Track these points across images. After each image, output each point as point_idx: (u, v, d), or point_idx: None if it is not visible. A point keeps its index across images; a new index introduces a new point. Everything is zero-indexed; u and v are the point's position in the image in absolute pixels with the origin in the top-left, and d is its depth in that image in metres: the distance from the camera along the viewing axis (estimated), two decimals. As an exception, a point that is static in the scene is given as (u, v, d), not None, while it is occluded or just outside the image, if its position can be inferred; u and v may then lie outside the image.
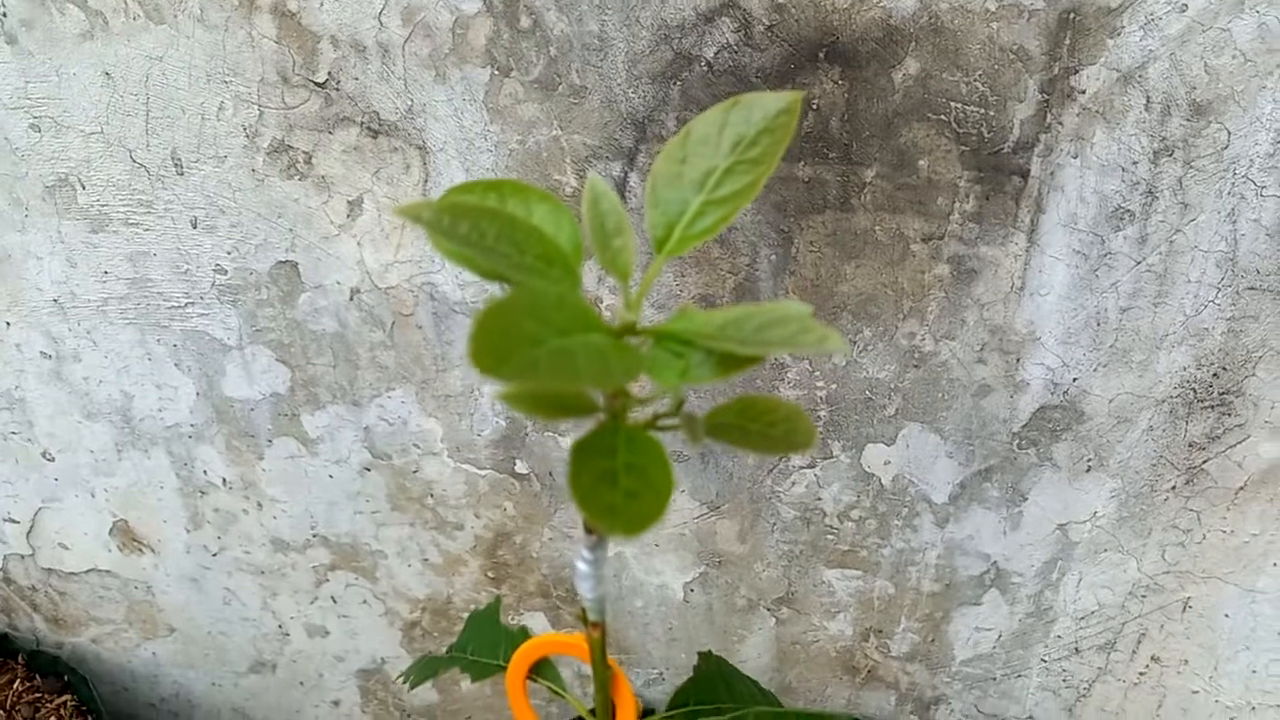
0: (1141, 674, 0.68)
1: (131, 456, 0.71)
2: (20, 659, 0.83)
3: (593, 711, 0.37)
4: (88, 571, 0.79)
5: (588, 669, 0.39)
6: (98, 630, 0.83)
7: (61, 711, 0.81)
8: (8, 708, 0.81)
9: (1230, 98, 0.48)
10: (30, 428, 0.71)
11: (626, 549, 0.69)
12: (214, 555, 0.76)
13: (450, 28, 0.52)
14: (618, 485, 0.24)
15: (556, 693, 0.40)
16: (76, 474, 0.73)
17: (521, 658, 0.38)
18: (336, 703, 0.83)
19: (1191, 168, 0.50)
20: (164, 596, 0.79)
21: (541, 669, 0.39)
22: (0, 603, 0.83)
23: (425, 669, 0.45)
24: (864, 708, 0.74)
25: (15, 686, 0.82)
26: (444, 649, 0.74)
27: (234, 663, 0.82)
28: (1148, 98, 0.49)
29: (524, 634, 0.40)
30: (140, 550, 0.76)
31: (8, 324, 0.67)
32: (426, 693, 0.81)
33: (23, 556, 0.79)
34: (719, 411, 0.29)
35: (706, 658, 0.44)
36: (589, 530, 0.32)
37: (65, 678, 0.82)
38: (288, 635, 0.79)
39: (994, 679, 0.70)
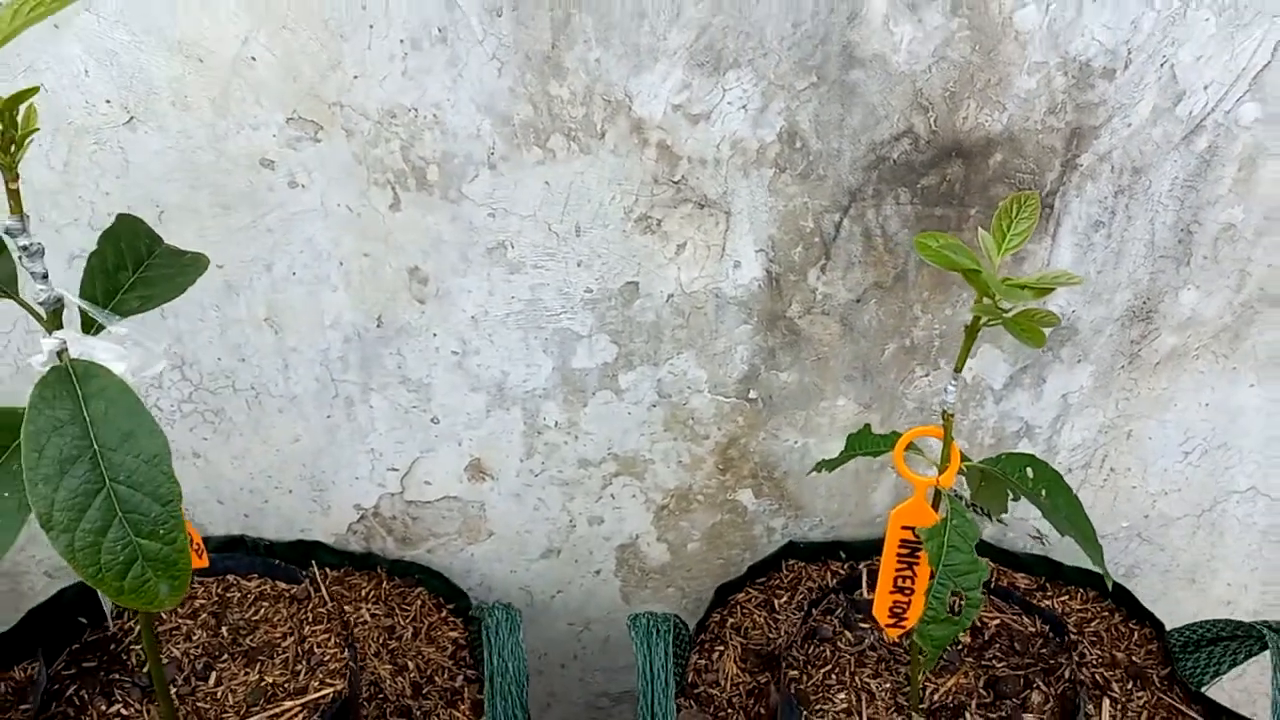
0: (1105, 480, 1.19)
1: (496, 414, 1.12)
2: (380, 569, 1.22)
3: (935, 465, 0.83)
4: (440, 499, 1.19)
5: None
6: (434, 543, 1.22)
7: (423, 598, 1.20)
8: (384, 600, 1.20)
9: (1152, 164, 0.98)
10: (428, 402, 1.11)
11: (810, 439, 1.15)
12: (535, 475, 1.17)
13: (756, 149, 0.97)
14: (1026, 332, 0.70)
15: (917, 450, 0.85)
16: (453, 431, 1.13)
17: (904, 439, 0.83)
18: (598, 572, 1.26)
19: (1132, 198, 1.00)
20: (492, 510, 1.20)
21: (909, 445, 0.84)
22: (364, 531, 1.21)
23: (831, 461, 0.89)
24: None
25: (384, 586, 1.21)
26: (682, 524, 1.18)
27: (530, 553, 1.24)
28: (1111, 166, 0.98)
29: (895, 435, 0.85)
30: (484, 479, 1.17)
31: (434, 334, 1.07)
32: (661, 554, 1.24)
33: (393, 495, 1.18)
34: (1020, 318, 0.75)
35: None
36: (956, 370, 0.78)
37: (416, 576, 1.21)
38: (574, 527, 1.21)
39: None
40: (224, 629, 1.01)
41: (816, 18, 0.90)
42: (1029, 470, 0.84)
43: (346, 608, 1.18)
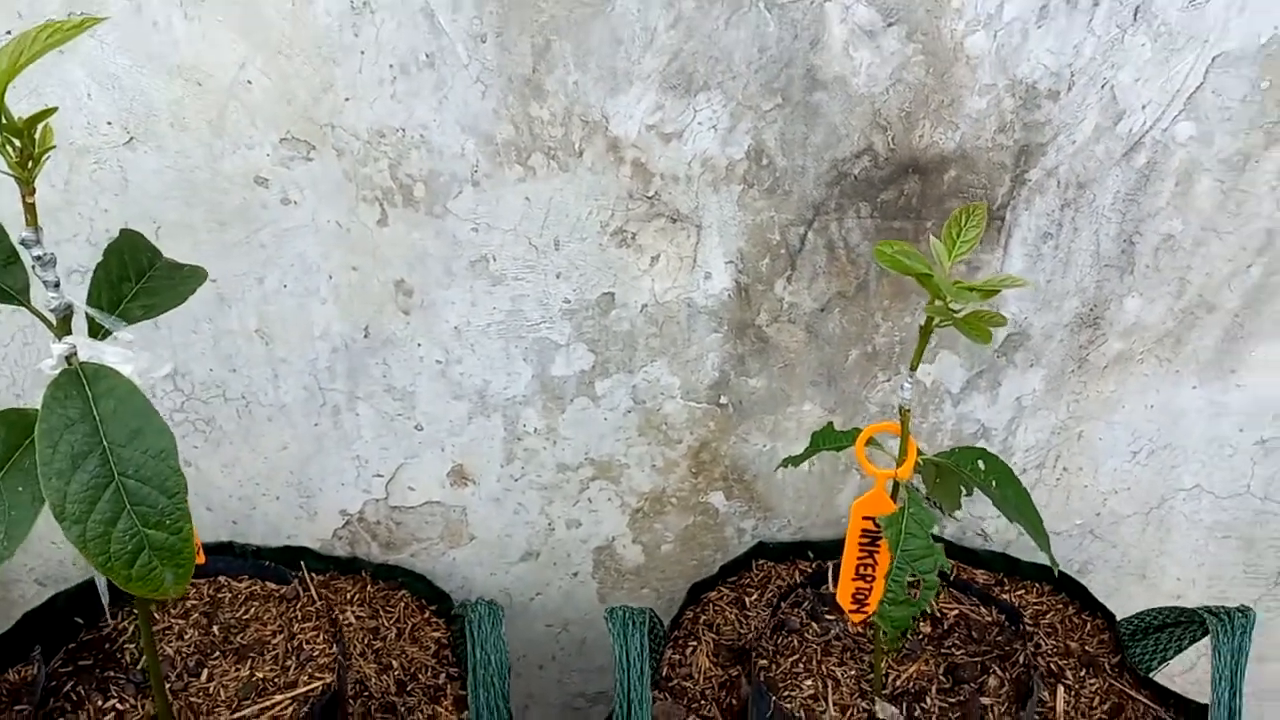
0: (1058, 479, 1.25)
1: (478, 421, 1.17)
2: (365, 573, 1.26)
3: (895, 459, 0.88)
4: (423, 504, 1.23)
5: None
6: (417, 547, 1.27)
7: (407, 600, 1.24)
8: (368, 602, 1.24)
9: (1095, 179, 1.04)
10: (412, 410, 1.16)
11: (778, 443, 1.20)
12: (516, 480, 1.22)
13: (725, 166, 1.02)
14: (975, 330, 0.76)
15: (878, 446, 0.90)
16: (436, 437, 1.18)
17: (864, 434, 0.88)
18: (575, 574, 1.30)
19: (1078, 211, 1.06)
20: (473, 515, 1.24)
21: (869, 441, 0.90)
22: (349, 536, 1.26)
23: (797, 457, 0.94)
24: (908, 524, 1.27)
25: (368, 589, 1.25)
26: (656, 526, 1.23)
27: (510, 556, 1.28)
28: (1058, 181, 1.04)
29: (855, 431, 0.90)
30: (465, 484, 1.22)
31: (419, 344, 1.12)
32: (636, 556, 1.29)
33: (378, 500, 1.23)
34: (970, 318, 0.80)
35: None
36: (911, 369, 0.83)
37: (400, 580, 1.26)
38: (553, 530, 1.26)
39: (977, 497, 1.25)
40: (215, 628, 1.05)
41: (781, 43, 0.96)
42: (980, 463, 0.90)
43: (332, 610, 1.22)
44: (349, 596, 1.23)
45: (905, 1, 0.95)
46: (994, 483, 0.90)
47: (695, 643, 1.15)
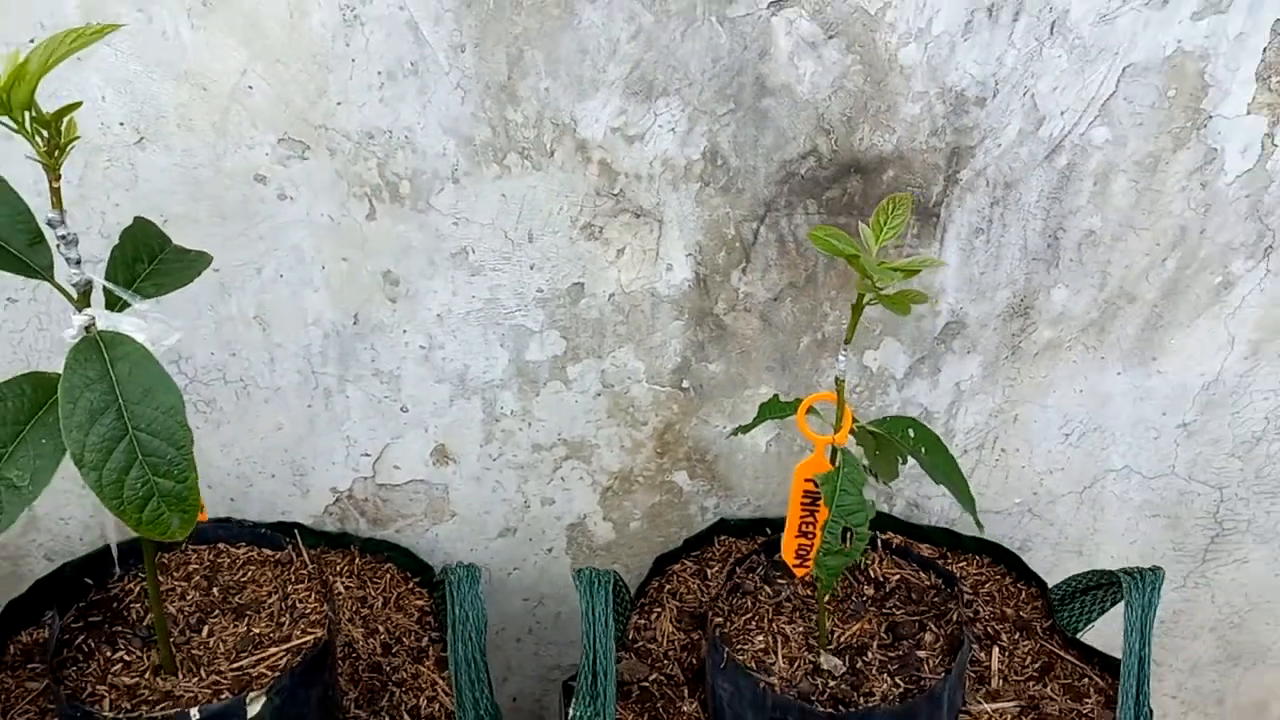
0: (996, 460, 1.34)
1: (459, 403, 1.26)
2: (353, 546, 1.35)
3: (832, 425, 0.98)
4: (408, 482, 1.32)
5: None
6: (402, 524, 1.36)
7: (391, 573, 1.33)
8: (356, 574, 1.33)
9: (1021, 179, 1.14)
10: (398, 392, 1.25)
11: (737, 424, 1.30)
12: (494, 459, 1.31)
13: (683, 166, 1.12)
14: (897, 304, 0.85)
15: (818, 415, 1.00)
16: (420, 418, 1.27)
17: (805, 404, 0.98)
18: (549, 550, 1.39)
19: (1006, 208, 1.16)
20: (455, 493, 1.33)
21: (811, 410, 0.99)
22: (339, 512, 1.35)
23: (746, 426, 1.03)
24: (860, 502, 1.37)
25: (356, 563, 1.34)
26: (625, 504, 1.33)
27: (489, 532, 1.37)
28: (986, 180, 1.15)
29: (798, 401, 1.00)
30: (447, 463, 1.31)
31: (404, 331, 1.21)
32: (607, 533, 1.38)
33: (365, 478, 1.32)
34: (896, 296, 0.90)
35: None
36: (846, 342, 0.93)
37: (386, 554, 1.35)
38: (529, 507, 1.35)
39: (922, 475, 1.35)
40: (215, 589, 1.14)
41: (733, 54, 1.07)
42: (911, 431, 0.99)
43: (323, 573, 1.31)
44: (339, 568, 1.32)
45: (844, 16, 1.05)
46: (923, 449, 1.00)
47: (659, 609, 1.24)
